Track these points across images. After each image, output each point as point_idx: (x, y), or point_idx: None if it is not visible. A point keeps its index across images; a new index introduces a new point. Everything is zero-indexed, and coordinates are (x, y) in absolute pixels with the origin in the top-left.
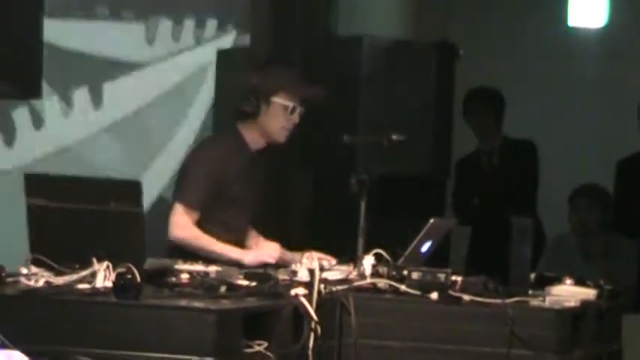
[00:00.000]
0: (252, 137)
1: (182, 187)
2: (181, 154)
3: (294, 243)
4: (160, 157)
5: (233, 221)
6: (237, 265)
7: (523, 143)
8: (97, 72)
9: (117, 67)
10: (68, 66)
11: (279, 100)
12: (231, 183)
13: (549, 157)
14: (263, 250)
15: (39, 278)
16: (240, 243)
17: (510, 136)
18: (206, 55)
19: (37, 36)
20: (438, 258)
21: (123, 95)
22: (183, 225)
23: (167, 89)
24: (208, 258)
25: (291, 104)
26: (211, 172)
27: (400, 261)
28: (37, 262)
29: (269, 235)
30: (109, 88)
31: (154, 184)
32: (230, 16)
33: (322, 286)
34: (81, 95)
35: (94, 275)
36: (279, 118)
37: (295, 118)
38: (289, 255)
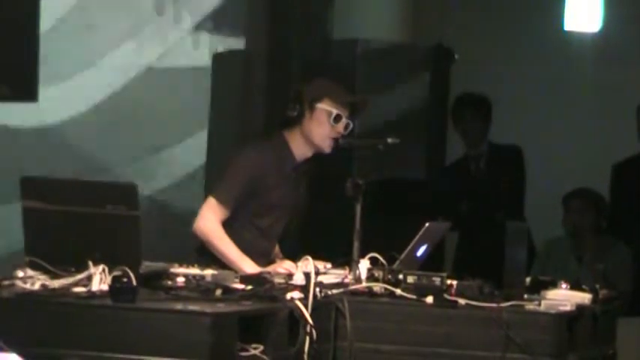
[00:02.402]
0: (298, 146)
1: (219, 183)
2: (178, 159)
3: (290, 246)
4: (157, 162)
5: (270, 228)
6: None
7: (509, 148)
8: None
9: (113, 70)
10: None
11: (323, 106)
12: (270, 189)
13: (544, 161)
14: (279, 270)
15: (35, 281)
16: (273, 250)
17: (496, 142)
18: (202, 58)
19: (34, 38)
20: (433, 261)
21: (119, 98)
22: (208, 219)
23: (163, 92)
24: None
25: (335, 111)
26: (248, 176)
27: (396, 265)
28: (33, 265)
29: None
30: (104, 92)
31: (151, 189)
32: (226, 19)
33: (318, 289)
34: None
35: (90, 278)
36: (322, 124)
37: (340, 127)
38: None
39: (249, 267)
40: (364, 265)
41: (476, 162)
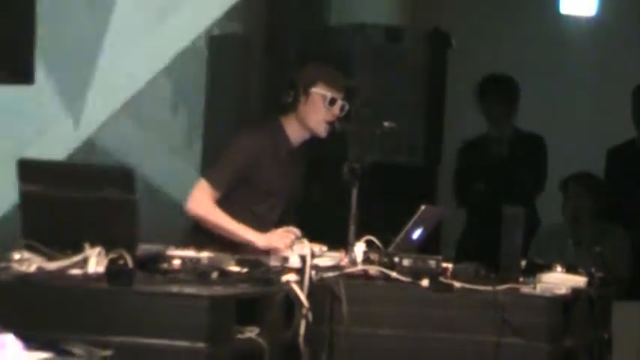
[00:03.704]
0: (293, 130)
1: (212, 166)
2: (174, 142)
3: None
4: (153, 145)
5: (266, 214)
6: (250, 246)
7: (534, 137)
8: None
9: (108, 56)
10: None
11: (317, 90)
12: (264, 173)
13: None
14: (276, 236)
15: (31, 264)
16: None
17: (521, 128)
18: (199, 41)
19: (31, 21)
20: (429, 244)
21: (114, 84)
22: (200, 200)
23: (158, 75)
24: (222, 236)
25: (329, 94)
26: (242, 159)
27: (391, 248)
28: (29, 248)
29: None
30: (100, 77)
31: (146, 170)
32: (224, 3)
33: (313, 272)
34: (72, 80)
35: (86, 261)
36: (318, 109)
37: (335, 110)
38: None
39: (252, 234)
40: (360, 248)
41: (498, 144)
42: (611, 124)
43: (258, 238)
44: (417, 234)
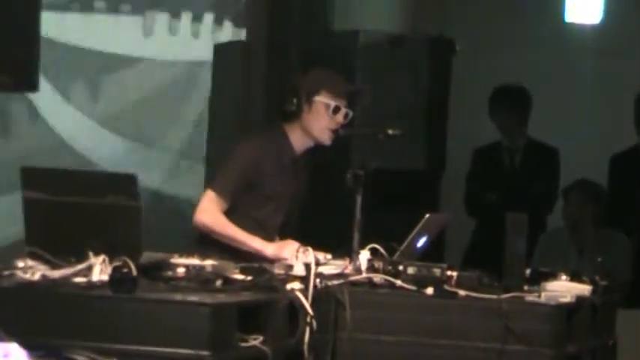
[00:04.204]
0: (297, 138)
1: (217, 175)
2: (177, 149)
3: (289, 236)
4: (156, 152)
5: (267, 219)
6: (259, 255)
7: (548, 148)
8: (95, 66)
9: (114, 61)
10: (66, 60)
11: (320, 99)
12: (267, 180)
13: None
14: (286, 247)
15: (35, 272)
16: (272, 241)
17: (535, 138)
18: (203, 48)
19: (35, 29)
20: (433, 251)
21: (119, 89)
22: (208, 211)
23: (164, 83)
24: (231, 245)
25: (333, 103)
26: (246, 166)
27: (396, 256)
28: (33, 256)
29: None
30: (105, 82)
31: (150, 178)
32: (227, 11)
33: (318, 280)
34: (78, 89)
35: (90, 269)
36: (321, 117)
37: (339, 118)
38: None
39: (260, 243)
40: (364, 256)
41: (511, 154)
42: (614, 131)
43: (266, 247)
44: (421, 242)
